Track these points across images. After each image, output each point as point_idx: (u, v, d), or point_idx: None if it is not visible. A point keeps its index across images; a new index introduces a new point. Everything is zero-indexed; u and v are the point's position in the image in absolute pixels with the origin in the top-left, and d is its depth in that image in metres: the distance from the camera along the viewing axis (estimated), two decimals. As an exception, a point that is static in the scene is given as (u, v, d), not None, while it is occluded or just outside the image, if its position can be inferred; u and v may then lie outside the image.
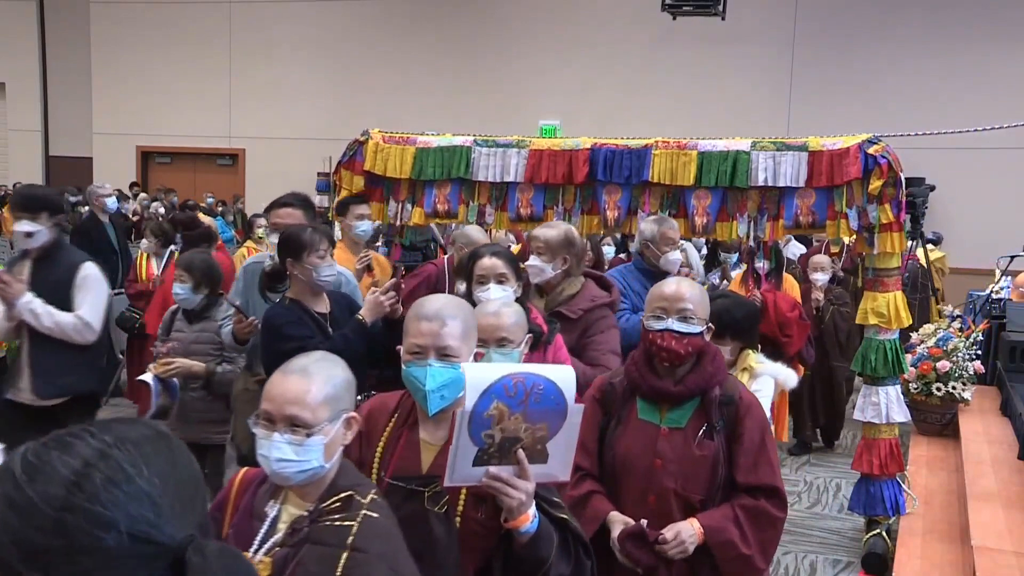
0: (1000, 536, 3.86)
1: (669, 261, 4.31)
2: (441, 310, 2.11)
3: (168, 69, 17.52)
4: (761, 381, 3.39)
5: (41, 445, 0.96)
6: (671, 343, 2.54)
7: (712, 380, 2.57)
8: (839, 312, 6.74)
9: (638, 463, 2.54)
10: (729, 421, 2.53)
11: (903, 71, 13.74)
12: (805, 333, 5.89)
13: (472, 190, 4.48)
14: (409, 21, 16.34)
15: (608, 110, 14.71)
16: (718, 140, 4.21)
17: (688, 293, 2.59)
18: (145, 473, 0.94)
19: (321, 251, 3.39)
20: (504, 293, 3.09)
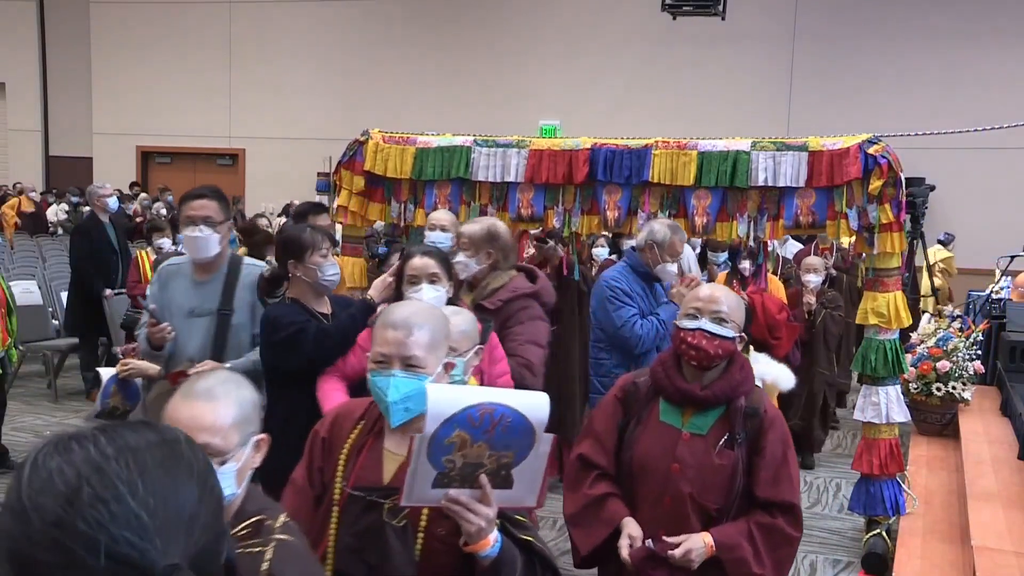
0: (1000, 536, 3.86)
1: (666, 271, 4.23)
2: (409, 318, 2.02)
3: (168, 69, 17.53)
4: None
5: (52, 446, 0.92)
6: (702, 342, 2.51)
7: (739, 389, 2.53)
8: (831, 316, 6.46)
9: (656, 466, 2.52)
10: (752, 433, 2.50)
11: (903, 71, 13.75)
12: (794, 335, 5.80)
13: (473, 190, 4.48)
14: (409, 21, 16.36)
15: (608, 110, 14.72)
16: (718, 140, 4.21)
17: (723, 297, 2.58)
18: (139, 491, 0.89)
19: (324, 250, 3.34)
20: (436, 293, 3.04)
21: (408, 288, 3.10)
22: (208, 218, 3.43)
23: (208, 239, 3.44)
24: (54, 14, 18.62)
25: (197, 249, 3.45)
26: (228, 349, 3.45)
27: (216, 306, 3.46)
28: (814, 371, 6.43)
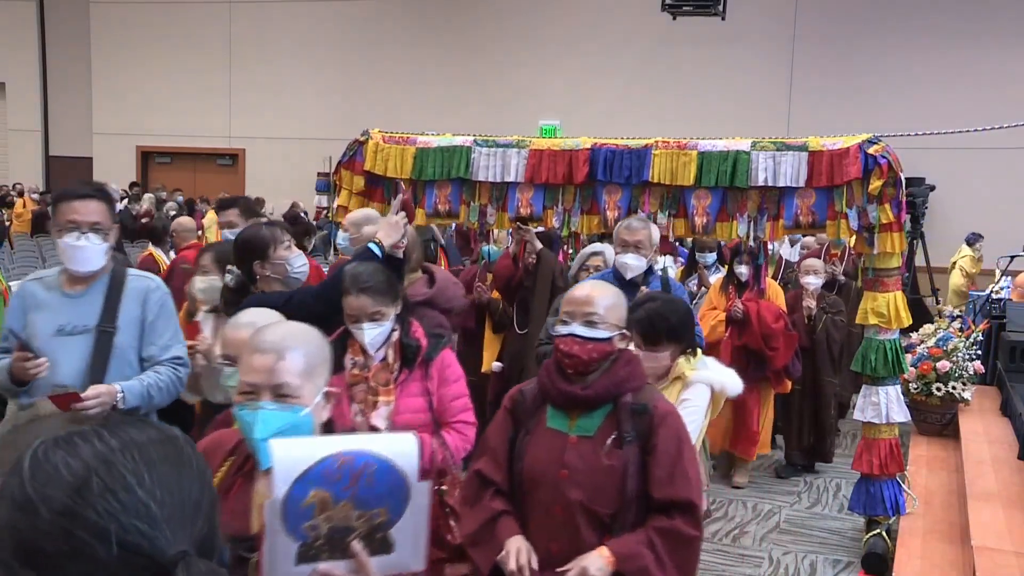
0: (1000, 536, 3.86)
1: (623, 264, 4.04)
2: (280, 340, 1.78)
3: (168, 69, 17.53)
4: (693, 390, 3.13)
5: (52, 442, 0.94)
6: (573, 348, 2.42)
7: (624, 385, 2.43)
8: (832, 321, 6.06)
9: (545, 474, 2.40)
10: (642, 431, 2.38)
11: (903, 71, 13.75)
12: (792, 345, 5.58)
13: (473, 190, 4.48)
14: (409, 21, 16.36)
15: (608, 110, 14.72)
16: (718, 140, 4.21)
17: (597, 297, 2.46)
18: (147, 482, 0.92)
19: (286, 242, 3.20)
20: (379, 329, 2.83)
21: (350, 324, 2.87)
22: (96, 224, 2.89)
23: (95, 251, 2.91)
24: (54, 14, 18.62)
25: (80, 261, 2.89)
26: (111, 372, 2.93)
27: (95, 322, 2.92)
28: (821, 380, 6.07)
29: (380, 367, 2.85)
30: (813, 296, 6.05)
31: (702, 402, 3.10)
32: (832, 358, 6.09)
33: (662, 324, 3.09)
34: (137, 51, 17.72)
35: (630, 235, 4.01)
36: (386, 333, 2.85)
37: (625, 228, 4.06)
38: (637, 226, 4.04)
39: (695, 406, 3.06)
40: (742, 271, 5.67)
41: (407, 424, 2.73)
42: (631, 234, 4.01)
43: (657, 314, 3.09)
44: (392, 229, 3.23)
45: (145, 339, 2.98)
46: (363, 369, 2.85)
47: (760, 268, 5.65)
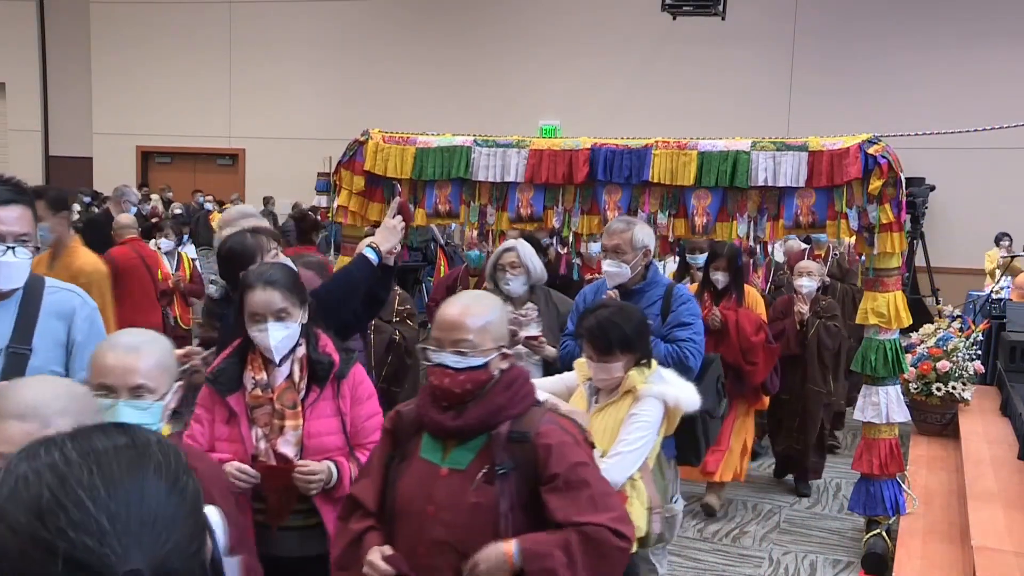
0: (1000, 536, 3.86)
1: (604, 271, 3.84)
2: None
3: (168, 69, 17.53)
4: (644, 404, 2.92)
5: (25, 451, 0.93)
6: (444, 380, 2.13)
7: (500, 414, 2.14)
8: (825, 327, 5.68)
9: (412, 509, 2.16)
10: (525, 462, 2.10)
11: (903, 71, 13.75)
12: (772, 360, 5.24)
13: (473, 190, 4.48)
14: (409, 21, 16.36)
15: (608, 110, 14.72)
16: (718, 140, 4.21)
17: (468, 319, 2.14)
18: (101, 496, 0.88)
19: (273, 250, 3.07)
20: (287, 331, 2.56)
21: (251, 327, 2.56)
22: (23, 236, 2.51)
23: (22, 266, 2.52)
24: (54, 14, 18.62)
25: (6, 279, 2.49)
26: None
27: (5, 343, 2.55)
28: (807, 389, 5.68)
29: (286, 386, 2.56)
30: (806, 300, 5.66)
31: (653, 417, 2.90)
32: (823, 366, 5.72)
33: (614, 333, 2.93)
34: (137, 51, 17.72)
35: (607, 239, 3.80)
36: (293, 338, 2.58)
37: (605, 231, 3.87)
38: (615, 228, 3.79)
39: (644, 421, 2.88)
40: (718, 278, 5.24)
41: (320, 449, 2.54)
42: (608, 238, 3.80)
43: (609, 322, 2.93)
44: (390, 233, 3.13)
45: (73, 362, 2.63)
46: (266, 389, 2.55)
47: (741, 273, 5.27)
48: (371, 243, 3.11)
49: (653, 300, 3.77)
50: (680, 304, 3.76)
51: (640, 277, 3.82)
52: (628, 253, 3.75)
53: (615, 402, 2.96)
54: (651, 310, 3.71)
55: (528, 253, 4.21)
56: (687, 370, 3.54)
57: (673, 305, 3.75)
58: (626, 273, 3.76)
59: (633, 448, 2.85)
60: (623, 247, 3.75)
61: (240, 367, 2.61)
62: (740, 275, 5.25)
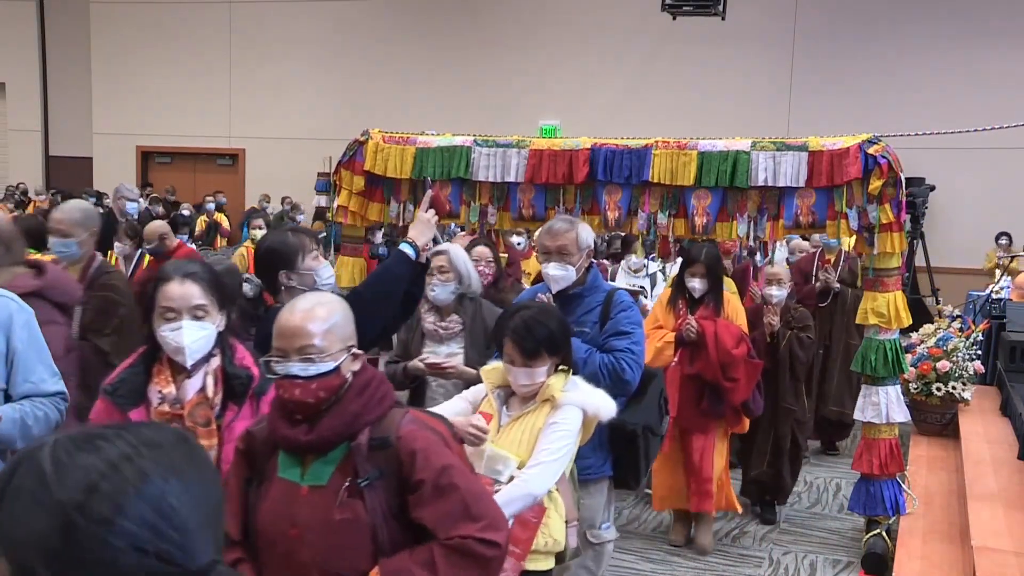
0: (1000, 536, 3.86)
1: (545, 274, 3.55)
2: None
3: (168, 69, 17.53)
4: (564, 413, 2.74)
5: (71, 441, 0.91)
6: (294, 392, 1.98)
7: (358, 421, 1.99)
8: (798, 339, 5.18)
9: (275, 532, 2.00)
10: (390, 468, 1.95)
11: (903, 71, 13.75)
12: (755, 376, 4.72)
13: (473, 190, 4.48)
14: (409, 21, 16.35)
15: (608, 110, 14.72)
16: (718, 140, 4.21)
17: (311, 323, 2.00)
18: (176, 489, 0.90)
19: (314, 251, 2.98)
20: (203, 333, 2.32)
21: (162, 325, 2.31)
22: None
23: None
24: (54, 14, 18.61)
25: None
26: None
27: None
28: (778, 407, 5.21)
29: (198, 401, 2.31)
30: (776, 311, 5.19)
31: (574, 427, 2.73)
32: (795, 380, 5.25)
33: (541, 333, 2.74)
34: (137, 51, 17.72)
35: (551, 240, 3.48)
36: (210, 341, 2.34)
37: (546, 232, 3.54)
38: (559, 228, 3.50)
39: (566, 430, 2.71)
40: (695, 285, 4.73)
41: None
42: (552, 238, 3.48)
43: (535, 321, 2.76)
44: (425, 227, 3.03)
45: (15, 374, 2.52)
46: (175, 404, 2.31)
47: (720, 279, 4.81)
48: (408, 239, 2.99)
49: (592, 306, 3.51)
50: (620, 311, 3.47)
51: (580, 281, 3.54)
52: (574, 254, 3.48)
53: (532, 411, 2.76)
54: (590, 317, 3.48)
55: (462, 258, 3.82)
56: (623, 383, 3.32)
57: (612, 312, 3.48)
58: (572, 276, 3.49)
59: (556, 457, 2.67)
60: (569, 248, 3.46)
61: (144, 378, 2.35)
62: (719, 282, 4.80)
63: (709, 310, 4.70)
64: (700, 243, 4.68)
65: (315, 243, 3.02)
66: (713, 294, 4.72)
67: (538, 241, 3.58)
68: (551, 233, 3.50)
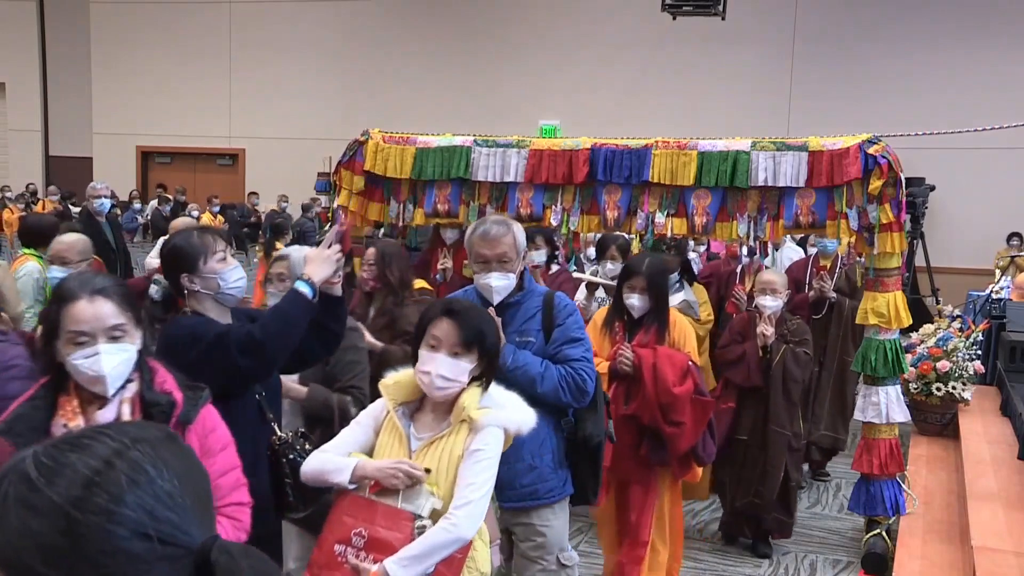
0: (1000, 536, 3.86)
1: (484, 286, 3.14)
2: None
3: (168, 69, 17.53)
4: (486, 437, 2.39)
5: (53, 447, 0.94)
6: None
7: None
8: (793, 354, 4.56)
9: None
10: None
11: (903, 71, 13.75)
12: (705, 417, 3.81)
13: (472, 190, 4.48)
14: (409, 21, 16.36)
15: (608, 110, 14.72)
16: (718, 140, 4.21)
17: None
18: (166, 474, 0.93)
19: (221, 253, 2.68)
20: (125, 355, 2.08)
21: (72, 352, 2.04)
22: None
23: None
24: (54, 14, 18.61)
25: None
26: None
27: None
28: (769, 430, 4.60)
29: None
30: (771, 322, 4.53)
31: (496, 451, 2.41)
32: (789, 402, 4.62)
33: (484, 324, 2.47)
34: (137, 51, 17.72)
35: (490, 247, 3.06)
36: (131, 363, 2.09)
37: (480, 238, 3.09)
38: (496, 233, 3.07)
39: (489, 458, 2.38)
40: (634, 302, 3.84)
41: None
42: (489, 246, 3.06)
43: (476, 311, 2.51)
44: (322, 263, 2.68)
45: None
46: None
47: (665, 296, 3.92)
48: (303, 275, 2.70)
49: (531, 312, 3.14)
50: (567, 316, 3.13)
51: (519, 286, 3.16)
52: (514, 260, 3.10)
53: (447, 434, 2.41)
54: (530, 324, 3.12)
55: (300, 258, 3.29)
56: (584, 395, 3.09)
57: (558, 317, 3.12)
58: (512, 284, 3.12)
59: (483, 492, 2.35)
60: (509, 254, 3.08)
61: (46, 412, 2.07)
62: (664, 299, 3.90)
63: (651, 335, 3.84)
64: (642, 253, 4.19)
65: (223, 244, 2.76)
66: (656, 315, 3.85)
67: (470, 248, 3.13)
68: (488, 239, 3.07)
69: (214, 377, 2.44)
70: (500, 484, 2.86)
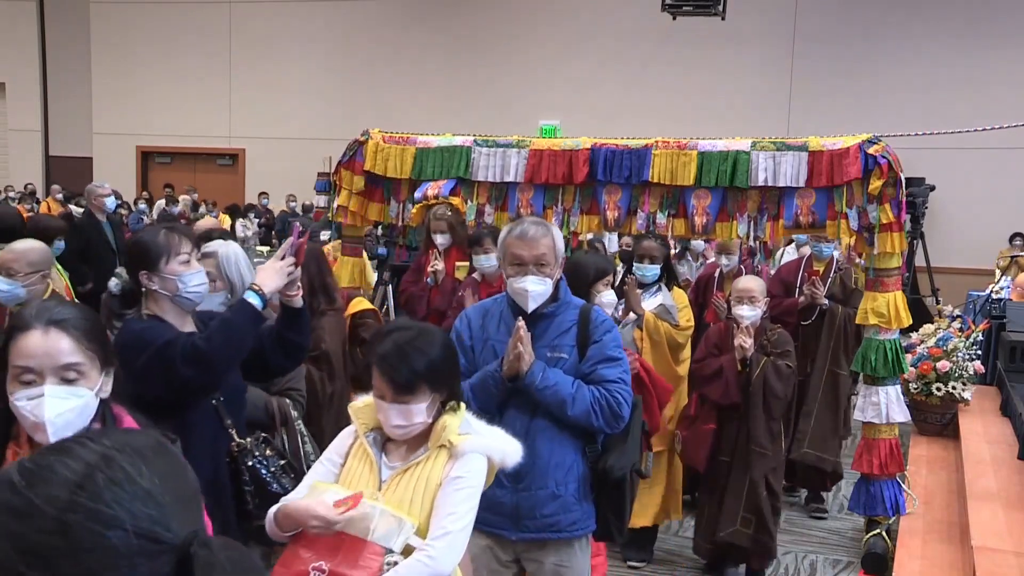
0: (1000, 536, 3.86)
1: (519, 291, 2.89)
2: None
3: (168, 69, 17.53)
4: (467, 464, 2.20)
5: (38, 454, 0.96)
6: None
7: None
8: (775, 368, 4.20)
9: None
10: None
11: (903, 71, 13.75)
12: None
13: (472, 190, 4.48)
14: (409, 21, 16.35)
15: (608, 110, 14.72)
16: (718, 140, 4.21)
17: None
18: (146, 473, 0.94)
19: (184, 254, 2.58)
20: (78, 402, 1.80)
21: (16, 391, 1.79)
22: None
23: None
24: (54, 14, 18.61)
25: None
26: None
27: None
28: (751, 452, 4.25)
29: None
30: (749, 332, 4.17)
31: (479, 480, 2.22)
32: (771, 419, 4.25)
33: (419, 360, 2.16)
34: (137, 51, 17.72)
35: (528, 248, 2.84)
36: (84, 415, 1.81)
37: (518, 238, 2.87)
38: (536, 233, 2.86)
39: (471, 487, 2.18)
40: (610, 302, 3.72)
41: None
42: (529, 246, 2.84)
43: (411, 345, 2.18)
44: (273, 274, 2.57)
45: None
46: None
47: None
48: (253, 286, 2.58)
49: (566, 327, 2.91)
50: (604, 332, 2.90)
51: (554, 296, 2.93)
52: (552, 264, 2.88)
53: (424, 460, 2.20)
54: (563, 339, 2.89)
55: (233, 261, 3.15)
56: (618, 420, 2.84)
57: (595, 334, 2.89)
58: (549, 291, 2.89)
59: (464, 524, 2.15)
60: (547, 257, 2.85)
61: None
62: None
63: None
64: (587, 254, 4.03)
65: (190, 246, 2.64)
66: None
67: (505, 249, 2.91)
68: (526, 240, 2.85)
69: (160, 387, 2.40)
70: (518, 512, 2.84)
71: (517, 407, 2.84)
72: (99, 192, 7.82)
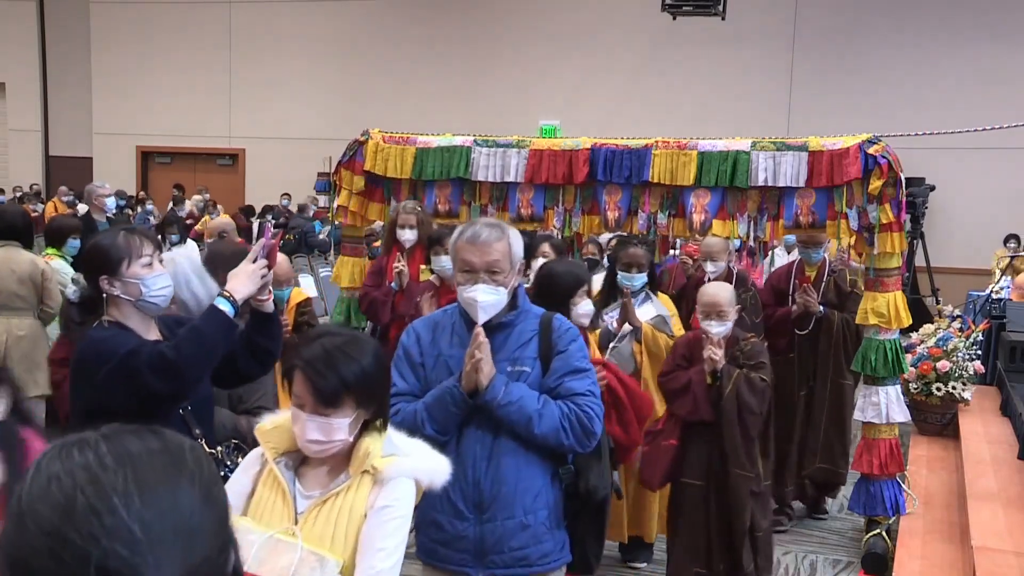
0: (1000, 536, 3.86)
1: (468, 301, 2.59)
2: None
3: (168, 69, 17.53)
4: (395, 491, 1.97)
5: (57, 450, 0.91)
6: None
7: None
8: (748, 381, 3.68)
9: None
10: None
11: (903, 71, 13.75)
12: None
13: (473, 190, 4.48)
14: (409, 21, 16.36)
15: (608, 110, 14.72)
16: (718, 140, 4.22)
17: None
18: (135, 504, 0.86)
19: (146, 256, 2.46)
20: None
21: None
22: None
23: None
24: (54, 14, 18.61)
25: None
26: None
27: None
28: (731, 474, 3.69)
29: None
30: (719, 345, 3.67)
31: (408, 508, 1.99)
32: (748, 438, 3.72)
33: (349, 369, 1.93)
34: (137, 51, 17.72)
35: (478, 253, 2.54)
36: None
37: (467, 242, 2.57)
38: (489, 237, 2.56)
39: (400, 516, 1.95)
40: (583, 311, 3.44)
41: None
42: (480, 251, 2.54)
43: (341, 352, 1.95)
44: (245, 279, 2.42)
45: None
46: None
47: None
48: (224, 292, 2.44)
49: (526, 337, 2.63)
50: (569, 342, 2.63)
51: (511, 304, 2.63)
52: (506, 271, 2.57)
53: (345, 489, 1.96)
54: (524, 351, 2.62)
55: (183, 275, 2.96)
56: (590, 436, 2.58)
57: (558, 344, 2.62)
58: (503, 301, 2.59)
59: (394, 561, 1.93)
60: (501, 263, 2.55)
61: None
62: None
63: None
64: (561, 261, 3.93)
65: (152, 248, 2.53)
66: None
67: (455, 254, 2.62)
68: (476, 244, 2.55)
69: (125, 398, 2.30)
70: (482, 546, 2.53)
71: (478, 426, 2.55)
72: (100, 192, 7.82)
